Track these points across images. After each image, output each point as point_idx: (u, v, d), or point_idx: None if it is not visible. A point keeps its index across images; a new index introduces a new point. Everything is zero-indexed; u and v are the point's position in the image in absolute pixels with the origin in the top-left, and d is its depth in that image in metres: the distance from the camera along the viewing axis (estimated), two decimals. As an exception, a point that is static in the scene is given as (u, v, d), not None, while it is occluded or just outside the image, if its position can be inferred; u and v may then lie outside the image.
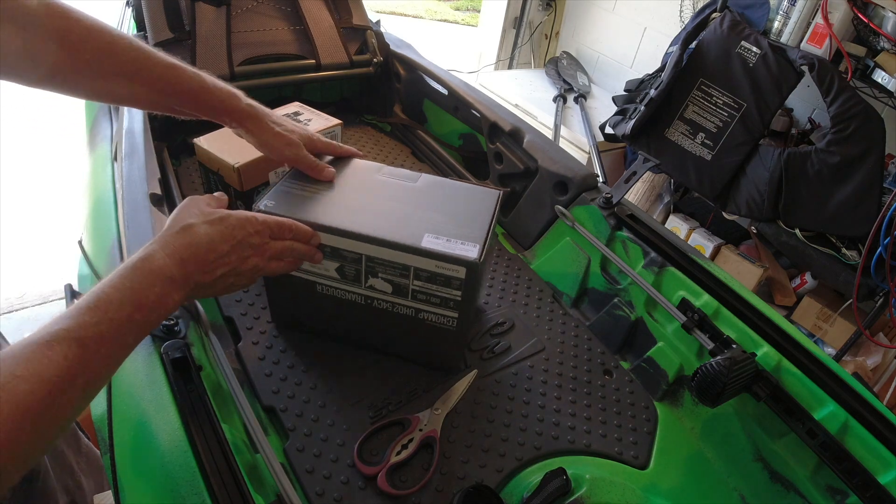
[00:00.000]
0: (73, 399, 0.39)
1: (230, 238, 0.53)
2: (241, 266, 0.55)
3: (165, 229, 0.52)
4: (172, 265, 0.48)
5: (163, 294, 0.47)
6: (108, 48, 0.57)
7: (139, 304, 0.44)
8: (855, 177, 1.37)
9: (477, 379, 0.75)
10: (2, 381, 0.35)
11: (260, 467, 0.56)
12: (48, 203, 2.13)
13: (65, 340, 0.39)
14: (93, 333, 0.40)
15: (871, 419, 0.63)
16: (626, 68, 2.28)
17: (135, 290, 0.45)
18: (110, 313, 0.42)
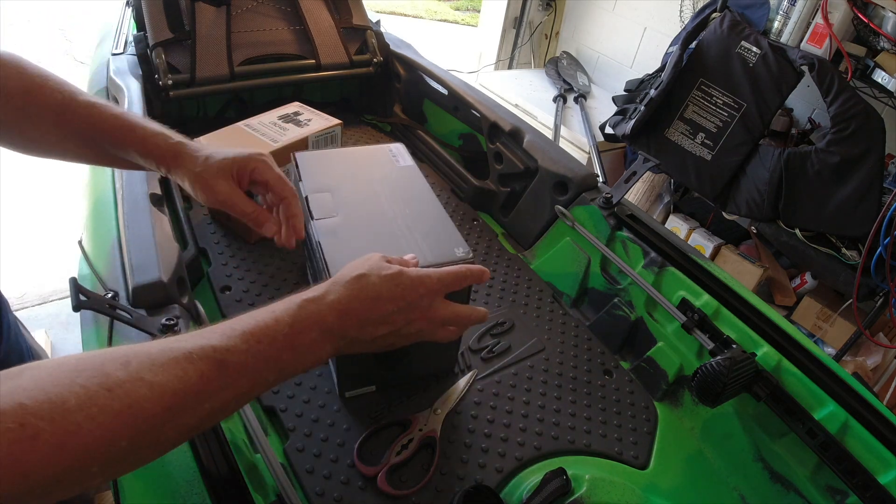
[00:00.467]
0: (193, 420, 0.36)
1: (399, 298, 0.49)
2: (406, 329, 0.50)
3: (338, 276, 0.49)
4: (333, 315, 0.45)
5: (317, 341, 0.44)
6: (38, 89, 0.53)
7: (292, 345, 0.42)
8: (855, 177, 1.37)
9: (477, 379, 0.75)
10: (124, 377, 0.33)
11: (260, 467, 0.56)
12: (48, 203, 2.13)
13: (207, 358, 0.37)
14: (238, 360, 0.38)
15: (871, 419, 0.63)
16: (626, 68, 2.28)
17: (294, 328, 0.42)
18: (262, 345, 0.40)
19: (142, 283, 0.61)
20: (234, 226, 0.92)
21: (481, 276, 0.56)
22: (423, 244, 0.63)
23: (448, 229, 0.66)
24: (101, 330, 0.61)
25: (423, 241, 0.63)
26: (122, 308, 0.57)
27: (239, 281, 0.83)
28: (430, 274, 0.52)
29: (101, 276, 0.67)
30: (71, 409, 0.30)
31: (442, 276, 0.52)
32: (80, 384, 0.31)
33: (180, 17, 1.10)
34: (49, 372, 0.31)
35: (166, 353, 0.36)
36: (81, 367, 0.32)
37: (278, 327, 0.42)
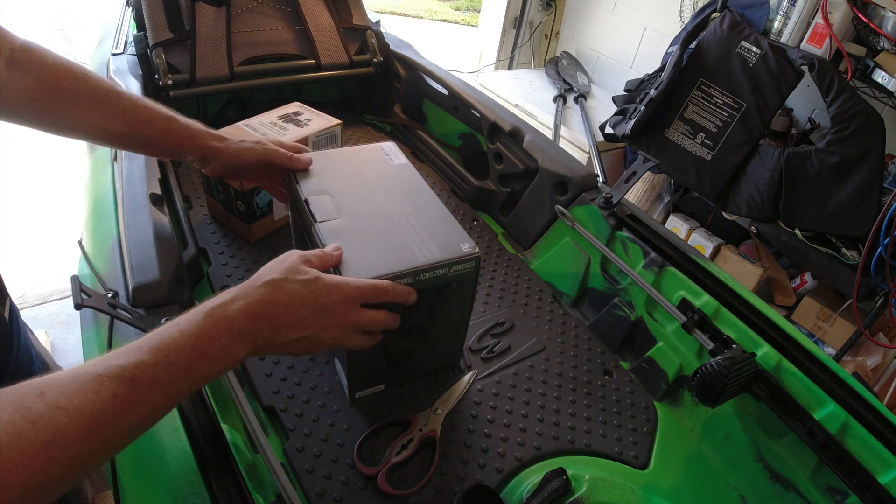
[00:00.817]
0: (114, 439, 0.37)
1: (313, 303, 0.49)
2: (320, 335, 0.50)
3: (252, 279, 0.49)
4: (244, 319, 0.45)
5: (227, 346, 0.44)
6: (84, 77, 0.60)
7: (202, 354, 0.42)
8: (855, 177, 1.37)
9: (477, 379, 0.75)
10: (43, 408, 0.33)
11: (260, 467, 0.56)
12: (48, 203, 2.13)
13: (117, 378, 0.37)
14: (148, 375, 0.39)
15: (871, 419, 0.63)
16: (626, 68, 2.28)
17: (200, 337, 0.43)
18: (170, 357, 0.40)
19: (142, 283, 0.61)
20: (234, 226, 0.92)
21: (407, 296, 0.56)
22: (428, 241, 0.63)
23: (452, 225, 0.66)
24: (101, 330, 0.61)
25: (428, 237, 0.63)
26: (122, 307, 0.57)
27: (239, 281, 0.83)
28: (347, 281, 0.52)
29: (101, 275, 0.67)
30: (3, 446, 0.31)
31: (360, 285, 0.52)
32: (5, 420, 0.32)
33: (180, 17, 1.10)
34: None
35: (77, 378, 0.36)
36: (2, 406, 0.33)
37: (185, 339, 0.42)
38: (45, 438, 0.33)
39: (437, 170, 1.24)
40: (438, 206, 0.70)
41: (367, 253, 0.59)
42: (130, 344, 0.40)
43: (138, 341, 0.41)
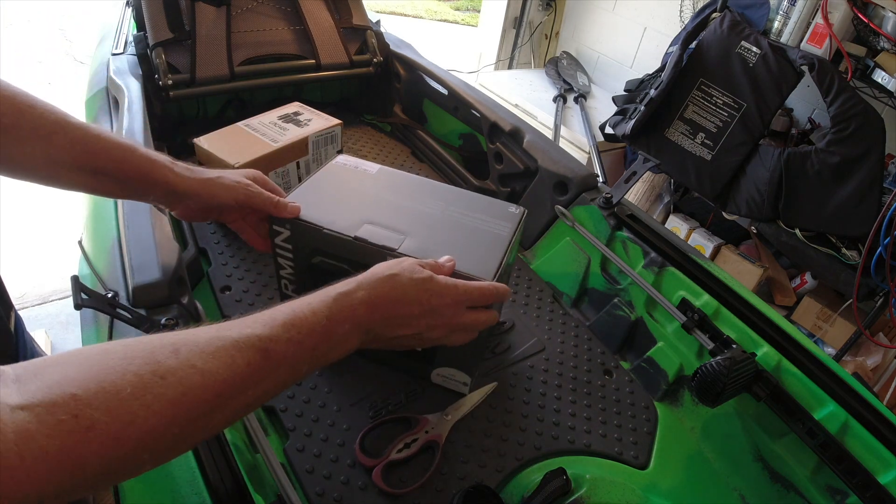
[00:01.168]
0: (238, 406, 0.37)
1: (426, 302, 0.50)
2: (427, 333, 0.52)
3: (370, 272, 0.50)
4: (364, 308, 0.46)
5: (348, 333, 0.45)
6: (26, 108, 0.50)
7: (327, 336, 0.43)
8: (855, 177, 1.37)
9: (477, 378, 0.75)
10: (176, 365, 0.33)
11: (260, 467, 0.56)
12: (48, 203, 2.13)
13: (253, 347, 0.38)
14: (280, 349, 0.39)
15: (871, 419, 0.63)
16: (626, 68, 2.28)
17: (330, 319, 0.44)
18: (302, 335, 0.41)
19: (142, 283, 0.61)
20: (234, 226, 0.92)
21: (505, 295, 0.58)
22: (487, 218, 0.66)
23: (488, 199, 0.70)
24: (100, 330, 0.61)
25: (484, 215, 0.67)
26: (122, 307, 0.57)
27: (239, 281, 0.83)
28: (457, 284, 0.52)
29: (101, 275, 0.67)
30: (125, 398, 0.30)
31: (469, 288, 0.53)
32: (132, 372, 0.31)
33: (180, 17, 1.10)
34: (98, 360, 0.31)
35: (214, 341, 0.36)
36: (132, 355, 0.32)
37: (316, 319, 0.43)
38: (174, 396, 0.32)
39: (437, 170, 1.24)
40: (457, 190, 0.72)
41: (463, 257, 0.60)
42: (264, 313, 0.41)
43: (272, 312, 0.41)
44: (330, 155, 0.98)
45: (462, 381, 0.71)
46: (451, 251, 0.60)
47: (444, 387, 0.72)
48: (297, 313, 0.42)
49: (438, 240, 0.62)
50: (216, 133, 0.89)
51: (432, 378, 0.72)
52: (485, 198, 0.72)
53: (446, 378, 0.71)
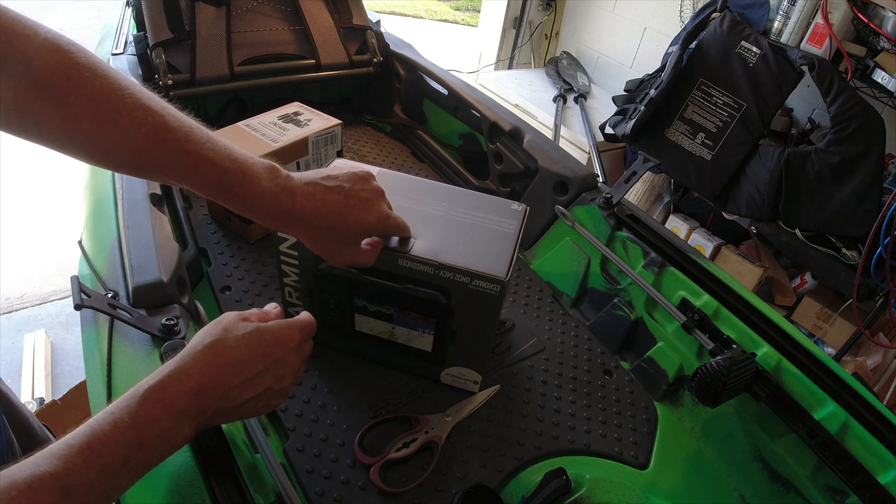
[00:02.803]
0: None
1: (264, 357, 0.46)
2: (276, 386, 0.47)
3: (188, 346, 0.45)
4: (186, 397, 0.41)
5: (170, 429, 0.40)
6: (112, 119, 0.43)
7: (139, 445, 0.38)
8: (855, 177, 1.37)
9: (477, 379, 0.75)
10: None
11: (260, 467, 0.56)
12: (48, 203, 2.13)
13: (49, 489, 0.34)
14: (81, 481, 0.35)
15: (871, 419, 0.63)
16: (626, 68, 2.28)
17: (136, 427, 0.38)
18: (103, 457, 0.36)
19: (142, 283, 0.61)
20: (234, 226, 0.92)
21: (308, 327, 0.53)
22: (492, 216, 0.67)
23: (489, 198, 0.71)
24: (101, 330, 0.61)
25: (488, 214, 0.68)
26: (122, 308, 0.57)
27: (239, 281, 0.83)
28: (291, 325, 0.49)
29: (101, 276, 0.67)
30: None
31: (303, 324, 0.50)
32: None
33: (180, 17, 1.10)
34: None
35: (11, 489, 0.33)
36: None
37: (118, 433, 0.38)
38: None
39: (437, 170, 1.24)
40: (460, 191, 0.72)
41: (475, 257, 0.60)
42: (60, 443, 0.36)
43: (68, 438, 0.37)
44: (330, 155, 0.98)
45: (472, 380, 0.71)
46: (461, 251, 0.61)
47: (454, 386, 0.72)
48: (97, 432, 0.37)
49: (447, 241, 0.62)
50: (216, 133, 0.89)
51: (442, 379, 0.72)
52: (486, 196, 0.72)
53: (456, 378, 0.71)
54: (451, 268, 0.60)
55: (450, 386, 0.73)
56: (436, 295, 0.62)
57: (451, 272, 0.60)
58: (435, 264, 0.60)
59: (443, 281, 0.61)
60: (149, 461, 0.40)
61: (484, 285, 0.60)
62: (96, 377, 0.55)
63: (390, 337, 0.69)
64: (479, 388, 0.72)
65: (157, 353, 0.55)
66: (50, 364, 1.56)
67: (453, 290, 0.61)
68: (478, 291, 0.60)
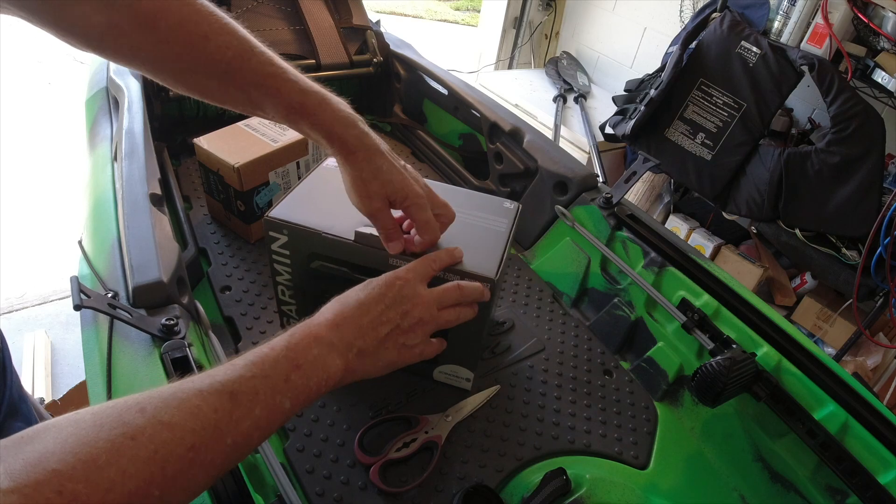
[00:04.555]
0: (218, 457, 0.36)
1: (381, 298, 0.50)
2: (406, 322, 0.51)
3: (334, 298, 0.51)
4: (328, 331, 0.47)
5: (321, 356, 0.45)
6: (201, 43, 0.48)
7: (296, 364, 0.43)
8: (855, 177, 1.37)
9: (477, 379, 0.74)
10: (143, 423, 0.33)
11: (260, 467, 0.56)
12: (48, 203, 2.13)
13: (217, 392, 0.37)
14: (247, 388, 0.39)
15: (871, 419, 0.63)
16: (626, 68, 2.28)
17: (291, 348, 0.43)
18: (266, 370, 0.41)
19: (142, 283, 0.61)
20: (234, 226, 0.92)
21: (453, 257, 0.59)
22: (484, 215, 0.68)
23: (482, 196, 0.72)
24: (101, 330, 0.61)
25: (481, 212, 0.68)
26: (122, 308, 0.57)
27: (239, 281, 0.83)
28: (396, 270, 0.54)
29: (101, 276, 0.67)
30: (102, 465, 0.30)
31: (410, 266, 0.55)
32: (104, 438, 0.31)
33: (180, 17, 1.10)
34: (71, 431, 0.31)
35: (177, 394, 0.36)
36: (100, 421, 0.32)
37: (275, 352, 0.43)
38: (146, 455, 0.32)
39: (437, 170, 1.24)
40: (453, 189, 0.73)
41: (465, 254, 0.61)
42: (225, 364, 0.41)
43: (232, 361, 0.41)
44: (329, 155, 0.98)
45: (465, 378, 0.71)
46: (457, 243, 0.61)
47: (448, 384, 0.72)
48: (257, 353, 0.42)
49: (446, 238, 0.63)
50: (216, 133, 0.89)
51: (435, 376, 0.72)
52: (479, 194, 0.73)
53: (449, 375, 0.71)
54: None
55: (444, 383, 0.72)
56: None
57: (441, 272, 0.59)
58: None
59: (432, 281, 0.60)
60: (308, 384, 0.43)
61: None
62: (96, 377, 0.55)
63: None
64: (471, 385, 0.72)
65: (157, 353, 0.55)
66: (50, 364, 1.56)
67: None
68: None
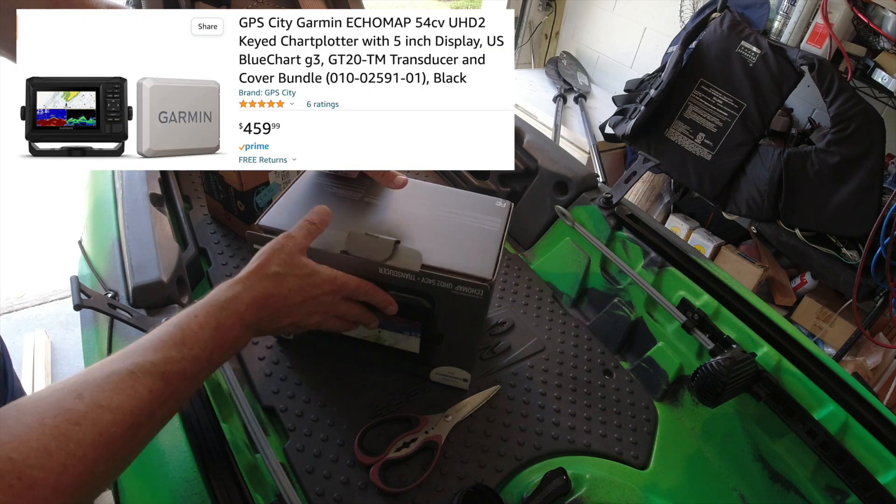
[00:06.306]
0: (149, 432, 0.40)
1: (305, 293, 0.53)
2: (304, 321, 0.55)
3: (253, 269, 0.52)
4: (251, 312, 0.49)
5: (238, 337, 0.47)
6: None
7: (219, 345, 0.45)
8: (855, 177, 1.37)
9: (477, 379, 0.75)
10: (84, 408, 0.35)
11: (260, 467, 0.56)
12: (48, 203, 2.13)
13: (151, 374, 0.39)
14: (177, 369, 0.41)
15: (871, 419, 0.63)
16: (626, 68, 2.28)
17: (218, 330, 0.45)
18: (195, 350, 0.43)
19: (142, 283, 0.61)
20: (234, 226, 0.92)
21: (386, 304, 0.60)
22: (476, 214, 0.67)
23: (473, 195, 0.71)
24: (100, 330, 0.61)
25: (473, 212, 0.67)
26: (122, 308, 0.57)
27: (239, 281, 0.83)
28: (336, 276, 0.56)
29: (101, 276, 0.67)
30: (52, 451, 0.33)
31: (347, 282, 0.57)
32: (50, 425, 0.33)
33: (180, 17, 1.10)
34: (16, 420, 0.33)
35: (111, 377, 0.38)
36: (42, 409, 0.34)
37: (204, 333, 0.44)
38: (92, 438, 0.34)
39: (437, 170, 1.24)
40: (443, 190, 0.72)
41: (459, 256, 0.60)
42: (152, 337, 0.42)
43: (160, 334, 0.42)
44: None
45: (461, 378, 0.71)
46: (445, 252, 0.60)
47: (445, 384, 0.72)
48: (186, 331, 0.43)
49: (430, 242, 0.61)
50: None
51: (432, 377, 0.72)
52: (470, 194, 0.72)
53: (446, 376, 0.71)
54: (432, 274, 0.58)
55: (441, 384, 0.72)
56: (419, 300, 0.61)
57: (434, 278, 0.58)
58: (415, 272, 0.58)
59: (425, 287, 0.59)
60: (222, 359, 0.47)
61: (466, 290, 0.59)
62: (96, 377, 0.55)
63: (377, 340, 0.69)
64: (469, 385, 0.72)
65: (157, 353, 0.55)
66: (50, 364, 1.56)
67: (436, 295, 0.60)
68: (461, 296, 0.59)
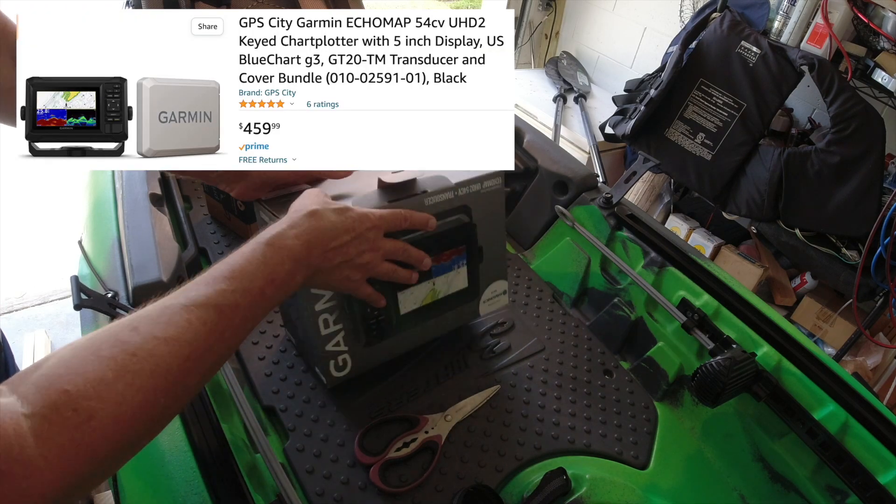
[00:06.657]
0: (206, 366, 0.39)
1: (351, 229, 0.53)
2: (358, 259, 0.54)
3: (291, 212, 0.51)
4: (300, 246, 0.48)
5: (291, 272, 0.47)
6: None
7: (271, 278, 0.45)
8: (855, 177, 1.37)
9: (477, 378, 0.75)
10: (140, 340, 0.34)
11: (260, 467, 0.56)
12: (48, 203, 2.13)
13: (203, 306, 0.39)
14: (230, 301, 0.41)
15: (871, 419, 0.63)
16: (626, 68, 2.28)
17: (267, 264, 0.45)
18: (245, 283, 0.43)
19: (142, 283, 0.61)
20: (234, 226, 0.92)
21: (425, 222, 0.60)
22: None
23: None
24: (101, 330, 0.61)
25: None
26: (122, 307, 0.57)
27: (239, 281, 0.83)
28: (372, 211, 0.55)
29: (101, 275, 0.67)
30: (110, 381, 0.32)
31: (383, 214, 0.56)
32: (105, 356, 0.33)
33: (180, 17, 1.10)
34: (72, 355, 0.33)
35: (165, 311, 0.37)
36: (97, 344, 0.34)
37: (253, 267, 0.44)
38: (149, 368, 0.34)
39: (437, 170, 1.24)
40: None
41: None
42: (204, 275, 0.42)
43: (210, 272, 0.43)
44: None
45: (502, 291, 0.75)
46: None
47: (490, 312, 0.76)
48: (234, 266, 0.43)
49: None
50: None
51: (481, 310, 0.75)
52: None
53: (491, 300, 0.75)
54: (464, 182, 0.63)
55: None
56: (460, 218, 0.65)
57: (465, 186, 0.62)
58: (453, 187, 0.62)
59: (462, 199, 0.63)
60: (277, 296, 0.46)
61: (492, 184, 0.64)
62: (96, 377, 0.55)
63: (433, 298, 0.69)
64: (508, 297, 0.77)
65: (157, 353, 0.55)
66: (50, 364, 1.56)
67: (472, 203, 0.64)
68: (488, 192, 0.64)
